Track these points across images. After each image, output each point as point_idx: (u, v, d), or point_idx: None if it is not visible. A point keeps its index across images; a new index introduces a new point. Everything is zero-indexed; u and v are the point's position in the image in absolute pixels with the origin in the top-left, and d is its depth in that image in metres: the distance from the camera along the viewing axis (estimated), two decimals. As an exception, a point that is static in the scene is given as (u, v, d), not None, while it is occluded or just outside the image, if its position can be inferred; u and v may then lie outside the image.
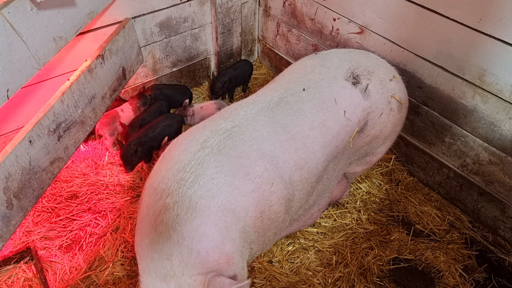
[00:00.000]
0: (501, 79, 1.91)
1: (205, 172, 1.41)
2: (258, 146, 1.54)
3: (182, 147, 1.52)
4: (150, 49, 2.88)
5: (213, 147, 1.47)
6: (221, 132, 1.53)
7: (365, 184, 2.58)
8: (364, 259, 2.17)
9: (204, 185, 1.39)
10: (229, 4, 3.05)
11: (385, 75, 1.94)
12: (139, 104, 2.84)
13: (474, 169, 2.27)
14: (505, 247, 2.25)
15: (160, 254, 1.31)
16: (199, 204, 1.36)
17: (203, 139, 1.51)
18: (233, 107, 1.70)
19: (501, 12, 1.75)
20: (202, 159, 1.44)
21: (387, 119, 1.93)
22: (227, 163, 1.46)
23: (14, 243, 2.21)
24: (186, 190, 1.37)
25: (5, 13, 1.51)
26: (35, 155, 1.82)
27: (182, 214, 1.34)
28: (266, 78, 3.52)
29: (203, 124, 1.63)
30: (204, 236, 1.33)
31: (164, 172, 1.46)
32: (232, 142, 1.51)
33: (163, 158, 1.56)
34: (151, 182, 1.49)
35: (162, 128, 2.63)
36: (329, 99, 1.77)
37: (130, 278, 2.07)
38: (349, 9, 2.49)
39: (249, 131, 1.56)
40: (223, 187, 1.41)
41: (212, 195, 1.39)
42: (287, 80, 1.86)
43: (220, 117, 1.63)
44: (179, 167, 1.43)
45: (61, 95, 1.95)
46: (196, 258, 1.31)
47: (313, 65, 1.93)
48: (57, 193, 2.46)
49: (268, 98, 1.72)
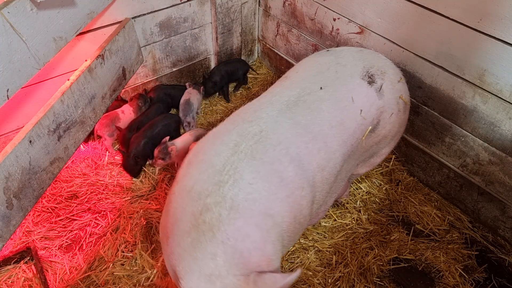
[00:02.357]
0: (501, 79, 1.90)
1: (242, 177, 1.41)
2: (286, 151, 1.54)
3: (211, 151, 1.50)
4: (150, 49, 2.88)
5: (246, 152, 1.47)
6: (249, 136, 1.52)
7: (365, 184, 2.58)
8: (364, 259, 2.17)
9: (244, 189, 1.38)
10: (229, 4, 3.05)
11: (394, 76, 1.95)
12: (139, 104, 2.84)
13: (474, 169, 2.27)
14: (505, 247, 2.25)
15: (204, 253, 1.29)
16: (242, 205, 1.35)
17: (233, 143, 1.50)
18: (252, 109, 1.69)
19: (501, 12, 1.75)
20: (237, 164, 1.43)
21: (395, 119, 1.94)
22: (262, 168, 1.45)
23: (14, 243, 2.21)
24: (226, 192, 1.37)
25: (5, 13, 1.51)
26: (35, 155, 1.82)
27: (225, 214, 1.33)
28: (266, 78, 3.52)
29: (226, 128, 1.61)
30: (247, 237, 1.33)
31: (197, 175, 1.44)
32: (262, 147, 1.50)
33: (190, 164, 1.54)
34: (183, 186, 1.46)
35: (161, 128, 2.66)
36: (346, 98, 1.76)
37: (130, 278, 2.07)
38: (349, 9, 2.49)
39: (275, 135, 1.55)
40: (262, 193, 1.41)
41: (253, 198, 1.38)
42: (302, 78, 1.83)
43: (244, 120, 1.61)
44: (214, 170, 1.42)
45: (61, 95, 1.95)
46: (239, 258, 1.29)
47: (328, 62, 1.90)
48: (57, 193, 2.46)
49: (285, 98, 1.70)
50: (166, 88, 3.03)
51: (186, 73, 3.27)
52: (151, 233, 2.27)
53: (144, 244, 2.21)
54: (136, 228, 2.28)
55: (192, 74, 3.32)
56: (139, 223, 2.31)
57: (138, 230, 2.27)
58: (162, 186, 2.54)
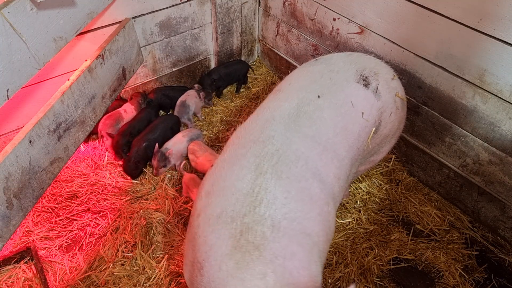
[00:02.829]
0: (501, 79, 1.90)
1: (275, 197, 1.37)
2: (307, 166, 1.50)
3: (232, 177, 1.44)
4: (150, 49, 2.88)
5: (271, 172, 1.43)
6: (268, 157, 1.48)
7: (365, 184, 2.58)
8: (364, 259, 2.17)
9: (280, 209, 1.35)
10: (229, 4, 3.05)
11: (387, 74, 1.95)
12: (140, 101, 2.85)
13: (474, 169, 2.27)
14: (505, 247, 2.25)
15: (252, 274, 1.22)
16: (282, 224, 1.31)
17: (254, 166, 1.45)
18: (257, 128, 1.63)
19: (501, 12, 1.75)
20: (266, 185, 1.39)
21: (395, 117, 1.95)
22: (292, 187, 1.42)
23: (14, 243, 2.21)
24: (264, 210, 1.32)
25: (5, 13, 1.51)
26: (35, 155, 1.81)
27: (268, 232, 1.28)
28: (266, 78, 3.52)
29: (238, 153, 1.54)
30: (293, 255, 1.28)
31: (224, 201, 1.38)
32: (285, 166, 1.46)
33: (209, 194, 1.47)
34: (208, 215, 1.39)
35: (161, 130, 2.68)
36: (346, 103, 1.75)
37: (130, 278, 2.07)
38: (349, 9, 2.49)
39: (291, 151, 1.52)
40: (297, 213, 1.37)
41: (291, 218, 1.35)
42: (297, 89, 1.80)
43: (255, 141, 1.56)
44: (242, 194, 1.37)
45: (61, 95, 1.95)
46: (289, 278, 1.24)
47: (320, 70, 1.89)
48: (57, 193, 2.46)
49: (286, 111, 1.67)
50: (165, 90, 3.04)
51: (186, 73, 3.27)
52: (151, 233, 2.27)
53: (144, 244, 2.21)
54: (136, 228, 2.28)
55: (192, 74, 3.32)
56: (139, 223, 2.31)
57: (138, 230, 2.27)
58: (162, 186, 2.54)
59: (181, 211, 2.40)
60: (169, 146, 2.55)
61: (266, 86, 3.41)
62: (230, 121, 3.07)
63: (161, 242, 2.23)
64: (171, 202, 2.43)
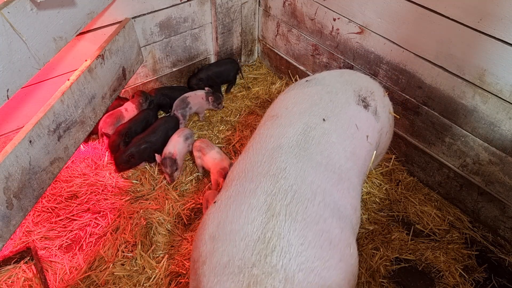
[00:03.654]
0: (501, 79, 1.90)
1: (290, 244, 1.21)
2: (324, 203, 1.35)
3: (241, 219, 1.30)
4: (150, 49, 2.88)
5: (286, 214, 1.28)
6: (282, 194, 1.33)
7: (365, 184, 2.58)
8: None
9: (295, 258, 1.19)
10: (229, 4, 3.05)
11: (379, 91, 1.90)
12: (141, 101, 2.85)
13: (474, 169, 2.27)
14: (505, 247, 2.25)
15: None
16: (297, 276, 1.16)
17: (265, 206, 1.30)
18: (265, 160, 1.48)
19: (501, 12, 1.75)
20: (279, 230, 1.24)
21: (389, 136, 1.93)
22: (308, 231, 1.26)
23: (14, 243, 2.21)
24: (276, 261, 1.17)
25: (5, 13, 1.51)
26: (35, 155, 1.81)
27: (280, 286, 1.13)
28: (266, 78, 3.52)
29: (246, 188, 1.40)
30: None
31: (231, 248, 1.24)
32: (301, 205, 1.32)
33: (214, 239, 1.31)
34: (214, 263, 1.24)
35: (163, 131, 2.69)
36: (351, 126, 1.67)
37: (130, 278, 2.07)
38: (349, 9, 2.49)
39: (307, 185, 1.37)
40: (315, 262, 1.21)
41: (308, 268, 1.19)
42: (299, 113, 1.67)
43: (265, 175, 1.41)
44: (252, 239, 1.23)
45: (61, 95, 1.95)
46: None
47: (317, 92, 1.78)
48: (57, 193, 2.46)
49: (293, 138, 1.54)
50: (163, 90, 3.04)
51: (186, 73, 3.27)
52: (151, 233, 2.27)
53: (144, 244, 2.21)
54: (136, 228, 2.28)
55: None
56: (139, 223, 2.31)
57: (138, 230, 2.27)
58: (162, 186, 2.54)
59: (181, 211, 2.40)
60: (171, 150, 2.55)
61: (266, 86, 3.41)
62: (230, 121, 3.07)
63: (161, 242, 2.24)
64: (171, 203, 2.43)
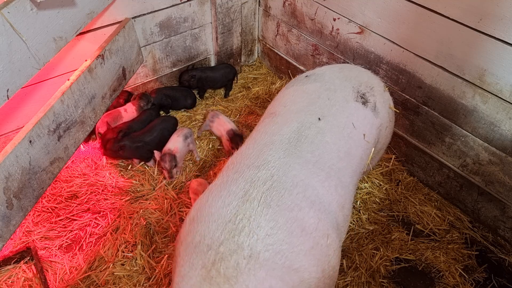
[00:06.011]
0: (501, 79, 1.90)
1: (259, 226, 1.25)
2: (304, 194, 1.39)
3: (218, 203, 1.35)
4: (150, 49, 2.88)
5: (259, 200, 1.32)
6: (260, 183, 1.37)
7: (365, 184, 2.58)
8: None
9: (262, 240, 1.23)
10: (229, 4, 3.05)
11: (379, 86, 1.89)
12: (142, 104, 2.85)
13: (474, 169, 2.27)
14: (505, 247, 2.25)
15: None
16: (262, 255, 1.20)
17: (242, 192, 1.35)
18: (254, 153, 1.53)
19: (501, 12, 1.75)
20: (250, 213, 1.28)
21: (389, 130, 1.91)
22: (280, 218, 1.30)
23: (14, 243, 2.21)
24: (243, 239, 1.21)
25: (5, 13, 1.51)
26: (35, 155, 1.81)
27: (243, 263, 1.17)
28: (266, 78, 3.52)
29: (230, 178, 1.45)
30: None
31: (204, 229, 1.29)
32: (277, 193, 1.35)
33: (192, 220, 1.37)
34: (188, 243, 1.30)
35: (159, 131, 2.68)
36: (347, 125, 1.67)
37: (130, 278, 2.07)
38: (349, 9, 2.49)
39: (289, 178, 1.41)
40: (283, 245, 1.25)
41: (275, 250, 1.22)
42: (295, 111, 1.70)
43: (249, 167, 1.46)
44: (225, 220, 1.27)
45: (61, 95, 1.95)
46: None
47: (316, 90, 1.79)
48: (57, 193, 2.46)
49: (286, 135, 1.57)
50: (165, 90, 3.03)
51: (186, 73, 3.27)
52: (151, 233, 2.27)
53: (144, 244, 2.21)
54: (136, 228, 2.28)
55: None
56: (139, 223, 2.31)
57: (138, 230, 2.27)
58: (162, 186, 2.54)
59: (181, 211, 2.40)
60: (171, 147, 2.55)
61: (266, 86, 3.41)
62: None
63: (161, 242, 2.23)
64: (171, 202, 2.43)
